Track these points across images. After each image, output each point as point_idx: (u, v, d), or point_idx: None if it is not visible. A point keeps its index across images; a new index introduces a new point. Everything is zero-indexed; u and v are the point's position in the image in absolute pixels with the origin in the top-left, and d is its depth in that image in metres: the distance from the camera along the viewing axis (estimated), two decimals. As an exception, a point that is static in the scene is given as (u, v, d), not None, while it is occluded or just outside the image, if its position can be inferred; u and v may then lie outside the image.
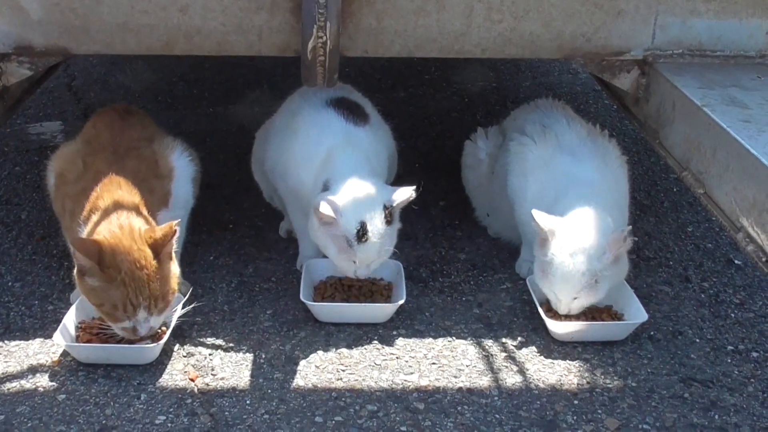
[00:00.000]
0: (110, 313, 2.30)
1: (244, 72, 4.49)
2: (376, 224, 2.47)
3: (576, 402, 2.26)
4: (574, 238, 2.42)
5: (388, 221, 2.49)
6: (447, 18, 2.53)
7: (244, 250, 2.96)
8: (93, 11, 2.50)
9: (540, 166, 2.67)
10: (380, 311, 2.55)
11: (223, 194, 3.26)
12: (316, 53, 2.41)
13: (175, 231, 2.30)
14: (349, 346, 2.47)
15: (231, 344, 2.48)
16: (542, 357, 2.44)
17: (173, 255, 2.37)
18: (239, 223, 3.12)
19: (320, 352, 2.44)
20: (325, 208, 2.41)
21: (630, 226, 2.48)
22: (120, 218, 2.34)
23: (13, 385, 2.31)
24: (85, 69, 4.61)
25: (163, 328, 2.44)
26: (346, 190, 2.48)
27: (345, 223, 2.44)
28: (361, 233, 2.45)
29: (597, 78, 2.83)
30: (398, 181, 2.87)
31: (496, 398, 2.29)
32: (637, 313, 2.48)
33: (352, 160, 2.58)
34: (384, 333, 2.53)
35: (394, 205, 2.50)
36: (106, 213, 2.37)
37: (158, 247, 2.29)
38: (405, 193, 2.51)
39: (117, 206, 2.37)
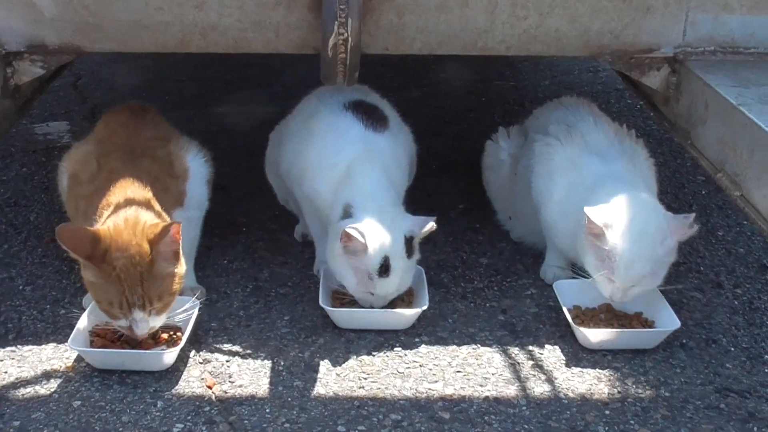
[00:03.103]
0: (108, 310, 2.24)
1: (254, 71, 4.42)
2: (399, 259, 2.41)
3: (607, 412, 2.19)
4: (634, 224, 2.34)
5: (409, 254, 2.43)
6: (470, 14, 2.46)
7: (258, 253, 2.89)
8: (107, 8, 2.44)
9: (566, 167, 2.59)
10: (402, 318, 2.48)
11: (235, 196, 3.19)
12: (336, 50, 2.34)
13: (169, 229, 2.21)
14: (370, 353, 2.40)
15: (248, 351, 2.40)
16: (571, 365, 2.36)
17: (178, 255, 2.28)
18: (252, 225, 3.05)
19: (340, 360, 2.37)
20: (356, 234, 2.34)
21: (694, 213, 2.40)
22: (128, 212, 2.28)
23: (28, 391, 2.24)
24: (91, 68, 4.54)
25: (179, 334, 2.38)
26: (369, 220, 2.41)
27: (370, 256, 2.37)
28: (384, 268, 2.38)
29: (623, 76, 2.77)
30: (415, 182, 2.81)
31: (524, 408, 2.21)
32: (668, 321, 2.40)
33: (373, 180, 2.50)
34: (406, 340, 2.45)
35: (416, 237, 2.44)
36: (117, 208, 2.31)
37: (151, 244, 2.21)
38: (426, 225, 2.45)
39: (128, 202, 2.31)
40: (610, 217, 2.36)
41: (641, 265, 2.35)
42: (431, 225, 2.45)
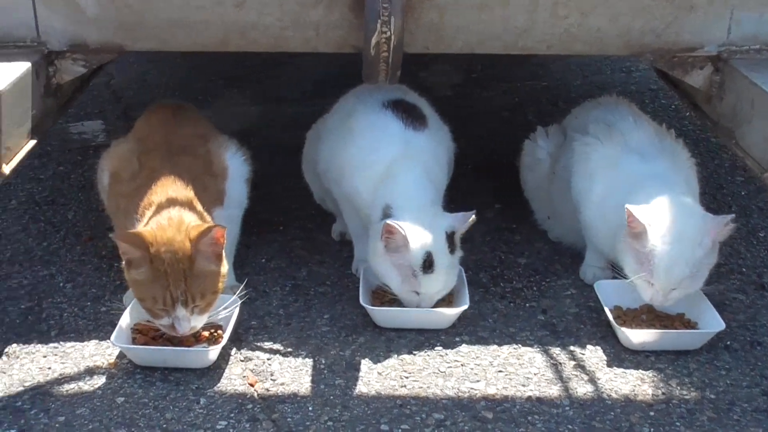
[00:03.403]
0: (151, 308, 2.25)
1: (284, 71, 4.42)
2: (442, 254, 2.40)
3: (652, 413, 2.17)
4: (674, 226, 2.33)
5: (452, 250, 2.42)
6: (510, 13, 2.45)
7: (295, 252, 2.89)
8: (148, 7, 2.45)
9: (606, 167, 2.58)
10: (443, 317, 2.47)
11: (270, 195, 3.18)
12: (379, 49, 2.33)
13: (210, 230, 2.21)
14: (411, 353, 2.39)
15: (289, 349, 2.41)
16: (613, 366, 2.35)
17: (221, 256, 2.29)
18: (289, 224, 3.05)
19: (382, 358, 2.37)
20: (397, 227, 2.34)
21: (733, 214, 2.39)
22: (171, 212, 2.29)
23: (72, 387, 2.26)
24: (123, 68, 4.55)
25: (219, 332, 2.38)
26: (410, 218, 2.40)
27: (412, 251, 2.36)
28: (428, 264, 2.37)
29: (662, 75, 2.75)
30: (451, 182, 2.80)
31: (567, 408, 2.20)
32: (712, 322, 2.39)
33: (414, 179, 2.50)
34: (447, 339, 2.45)
35: (457, 232, 2.43)
36: (159, 208, 2.32)
37: (193, 243, 2.22)
38: (467, 219, 2.44)
39: (170, 202, 2.32)
40: (651, 217, 2.35)
41: (681, 267, 2.33)
42: (472, 218, 2.44)
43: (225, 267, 2.31)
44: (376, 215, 2.47)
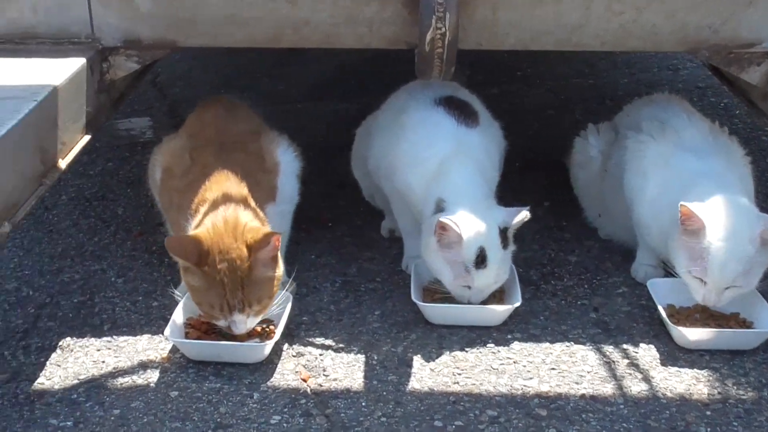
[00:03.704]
0: (208, 312, 2.27)
1: (328, 68, 4.42)
2: (495, 250, 2.39)
3: (708, 413, 2.15)
4: (729, 224, 2.31)
5: (504, 245, 2.41)
6: (565, 9, 2.43)
7: (345, 249, 2.89)
8: (201, 3, 2.46)
9: (660, 164, 2.56)
10: (495, 314, 2.46)
11: (318, 191, 3.19)
12: (434, 45, 2.33)
13: (269, 241, 2.21)
14: (463, 349, 2.39)
15: (341, 345, 2.41)
16: (667, 365, 2.33)
17: (277, 259, 2.29)
18: (337, 221, 3.06)
19: (434, 355, 2.36)
20: (451, 224, 2.33)
21: None
22: (227, 211, 2.29)
23: (126, 380, 2.28)
24: (169, 65, 4.57)
25: (272, 327, 2.39)
26: (463, 212, 2.39)
27: (465, 247, 2.36)
28: (480, 259, 2.37)
29: (716, 72, 2.72)
30: (500, 180, 2.78)
31: (621, 406, 2.19)
32: (768, 322, 2.36)
33: (466, 174, 2.49)
34: (498, 336, 2.44)
35: (510, 228, 2.42)
36: (214, 205, 2.32)
37: (251, 251, 2.22)
38: (520, 215, 2.43)
39: (225, 198, 2.32)
40: (708, 214, 2.32)
41: (734, 264, 2.31)
42: (525, 214, 2.43)
43: (281, 269, 2.31)
44: (428, 210, 2.47)
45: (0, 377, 2.30)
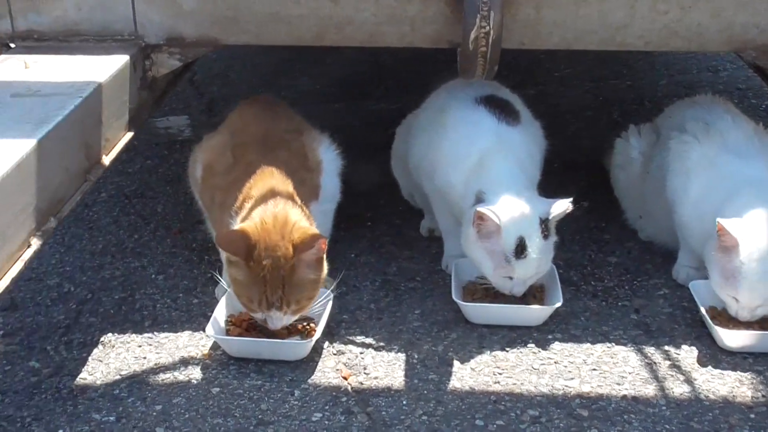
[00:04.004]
0: (247, 305, 2.28)
1: (366, 68, 4.43)
2: (535, 239, 2.37)
3: (752, 416, 2.13)
4: (764, 244, 2.28)
5: (545, 235, 2.40)
6: (609, 8, 2.42)
7: (384, 248, 2.89)
8: (244, 1, 2.46)
9: (704, 166, 2.54)
10: (536, 314, 2.45)
11: (358, 190, 3.18)
12: (477, 44, 2.32)
13: (314, 244, 2.21)
14: (504, 349, 2.38)
15: (381, 343, 2.41)
16: (710, 367, 2.31)
17: (322, 261, 2.29)
18: (377, 220, 3.06)
19: (474, 354, 2.36)
20: (489, 213, 2.32)
21: None
22: (277, 207, 2.29)
23: (167, 377, 2.29)
24: (206, 64, 4.59)
25: (312, 324, 2.39)
26: (502, 203, 2.38)
27: (504, 236, 2.35)
28: (520, 249, 2.36)
29: (760, 72, 2.70)
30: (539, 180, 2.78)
31: (663, 408, 2.17)
32: (813, 324, 2.34)
33: (506, 168, 2.49)
34: (539, 336, 2.43)
35: (551, 218, 2.41)
36: (263, 199, 2.32)
37: (296, 251, 2.22)
38: (562, 206, 2.41)
39: (273, 194, 2.32)
40: (743, 232, 2.30)
41: (766, 287, 2.29)
42: (566, 205, 2.41)
43: (325, 272, 2.31)
44: (468, 203, 2.46)
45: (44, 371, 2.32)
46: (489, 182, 2.45)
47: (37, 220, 1.97)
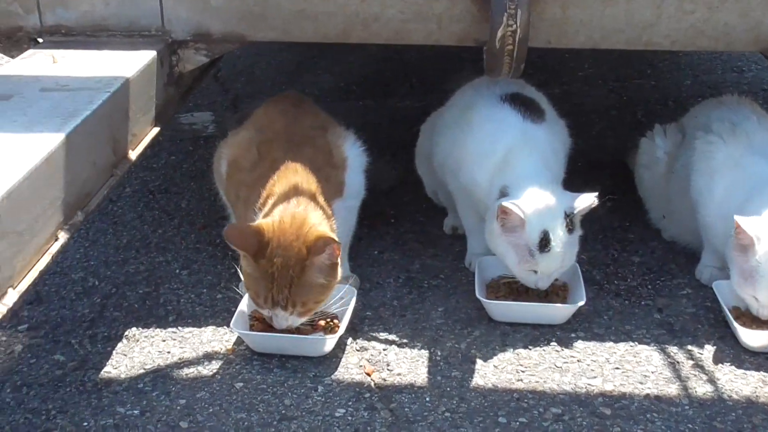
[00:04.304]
0: (254, 298, 2.29)
1: (390, 66, 4.43)
2: (559, 233, 2.37)
3: (776, 416, 2.13)
4: None
5: (570, 229, 2.40)
6: (635, 7, 2.42)
7: (408, 245, 2.90)
8: (272, -3, 2.47)
9: (729, 166, 2.53)
10: (559, 312, 2.45)
11: (382, 188, 3.19)
12: (504, 42, 2.33)
13: (324, 249, 2.20)
14: (527, 347, 2.38)
15: (404, 340, 2.41)
16: (733, 367, 2.30)
17: (335, 267, 2.28)
18: (400, 217, 3.06)
19: (497, 352, 2.36)
20: (513, 207, 2.33)
21: None
22: (298, 207, 2.29)
23: (191, 371, 2.30)
24: (230, 61, 4.60)
25: (335, 321, 2.40)
26: (526, 197, 2.39)
27: (528, 230, 2.35)
28: (544, 242, 2.36)
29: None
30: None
31: (686, 407, 2.17)
32: (839, 325, 2.33)
33: (531, 164, 2.49)
34: (562, 335, 2.43)
35: (575, 212, 2.40)
36: (285, 197, 2.32)
37: (309, 254, 2.22)
38: (587, 200, 2.41)
39: (296, 193, 2.33)
40: (760, 230, 2.29)
41: None
42: (591, 199, 2.41)
43: (338, 277, 2.31)
44: (492, 200, 2.47)
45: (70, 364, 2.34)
46: (513, 178, 2.45)
47: (64, 213, 1.99)
